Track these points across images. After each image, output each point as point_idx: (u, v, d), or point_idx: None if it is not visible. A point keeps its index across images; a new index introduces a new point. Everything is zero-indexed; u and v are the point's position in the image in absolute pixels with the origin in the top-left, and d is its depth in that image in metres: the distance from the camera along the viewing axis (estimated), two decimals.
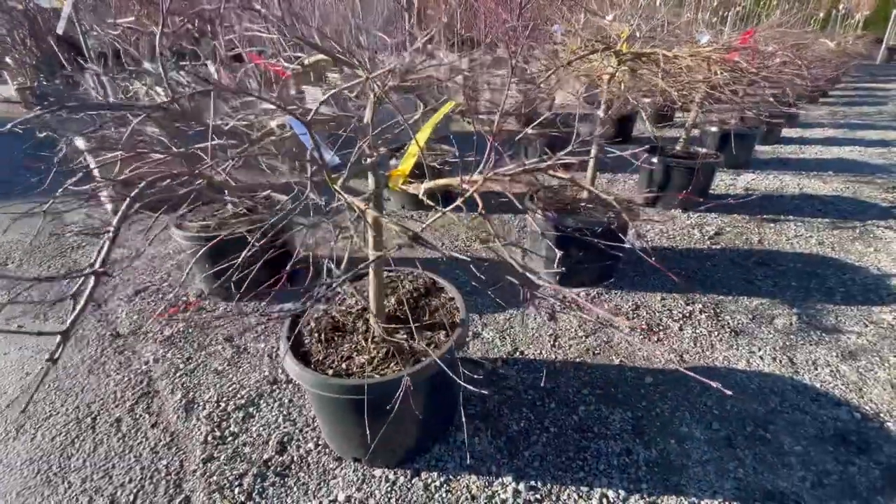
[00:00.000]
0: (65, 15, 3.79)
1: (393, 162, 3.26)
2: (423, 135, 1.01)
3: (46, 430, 1.85)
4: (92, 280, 0.75)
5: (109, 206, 3.92)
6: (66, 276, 0.76)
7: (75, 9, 3.70)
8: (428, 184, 1.00)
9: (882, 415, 1.80)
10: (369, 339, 1.47)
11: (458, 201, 0.99)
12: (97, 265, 0.75)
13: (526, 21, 7.37)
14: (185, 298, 2.66)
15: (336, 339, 1.51)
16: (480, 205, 1.02)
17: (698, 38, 3.09)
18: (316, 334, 1.53)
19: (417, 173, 1.13)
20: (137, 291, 2.78)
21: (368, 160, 1.04)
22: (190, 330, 2.37)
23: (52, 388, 2.05)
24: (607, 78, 2.28)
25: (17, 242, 3.50)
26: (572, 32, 3.34)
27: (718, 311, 2.44)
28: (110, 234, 0.76)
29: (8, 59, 9.17)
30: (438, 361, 1.26)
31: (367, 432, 1.33)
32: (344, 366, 1.38)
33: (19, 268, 3.17)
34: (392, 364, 1.39)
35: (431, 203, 1.04)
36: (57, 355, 0.73)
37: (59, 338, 0.72)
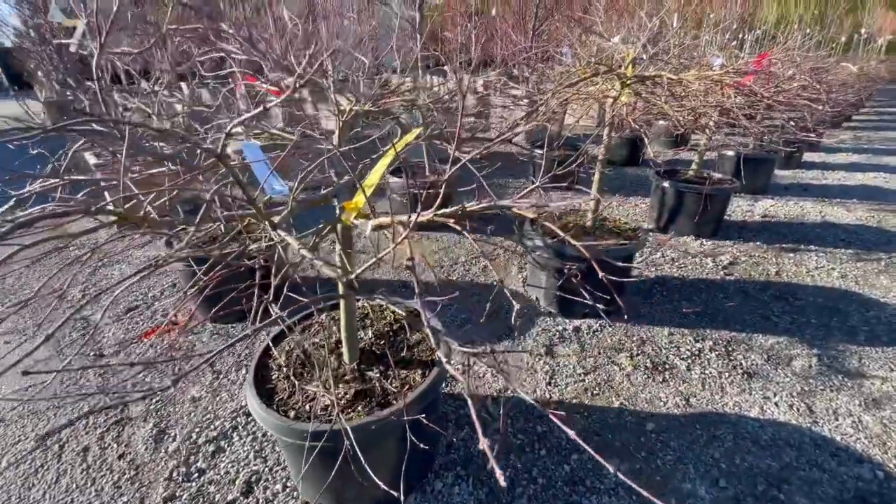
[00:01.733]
0: (78, 34, 3.87)
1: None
2: (381, 168, 0.92)
3: (12, 456, 1.77)
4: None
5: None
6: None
7: (88, 29, 3.78)
8: (375, 221, 0.91)
9: None
10: (339, 378, 1.36)
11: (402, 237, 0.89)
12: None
13: (539, 44, 7.36)
14: (172, 319, 2.60)
15: (305, 374, 1.41)
16: (469, 234, 0.92)
17: (711, 61, 2.98)
18: (285, 369, 1.43)
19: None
20: (129, 310, 2.73)
21: (324, 190, 0.96)
22: (173, 353, 2.30)
23: (25, 410, 1.99)
24: (611, 101, 2.18)
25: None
26: (580, 55, 3.27)
27: (731, 349, 2.27)
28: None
29: (39, 73, 9.50)
30: (402, 415, 1.14)
31: (333, 479, 1.21)
32: (308, 407, 1.27)
33: (18, 280, 3.16)
34: (360, 406, 1.28)
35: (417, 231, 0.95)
36: None
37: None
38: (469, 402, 0.66)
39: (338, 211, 1.03)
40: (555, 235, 2.50)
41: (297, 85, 0.83)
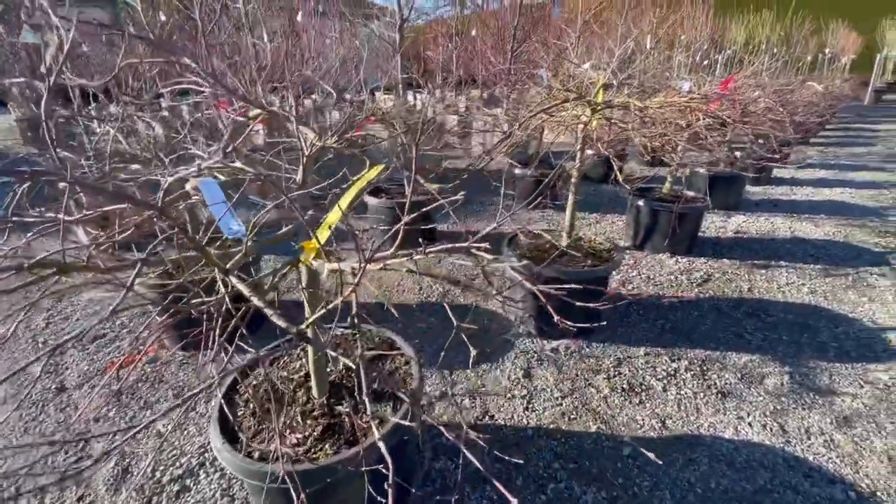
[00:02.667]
0: (48, 57, 3.81)
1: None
2: (344, 203, 0.91)
3: None
4: None
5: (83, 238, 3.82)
6: None
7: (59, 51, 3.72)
8: (331, 265, 0.90)
9: (879, 493, 1.63)
10: (307, 413, 1.32)
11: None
12: None
13: (517, 65, 7.51)
14: (140, 348, 2.51)
15: (272, 411, 1.36)
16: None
17: (680, 85, 3.07)
18: (252, 404, 1.38)
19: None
20: (94, 339, 2.64)
21: (285, 228, 0.94)
22: (139, 384, 2.22)
23: None
24: (582, 127, 2.22)
25: None
26: (554, 79, 3.34)
27: (705, 368, 2.29)
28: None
29: (14, 89, 9.26)
30: (370, 452, 1.11)
31: None
32: (272, 447, 1.23)
33: None
34: (328, 444, 1.24)
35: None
36: None
37: None
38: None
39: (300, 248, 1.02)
40: (530, 257, 2.51)
41: (261, 118, 0.82)
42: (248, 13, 5.48)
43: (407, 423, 1.18)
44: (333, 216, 0.90)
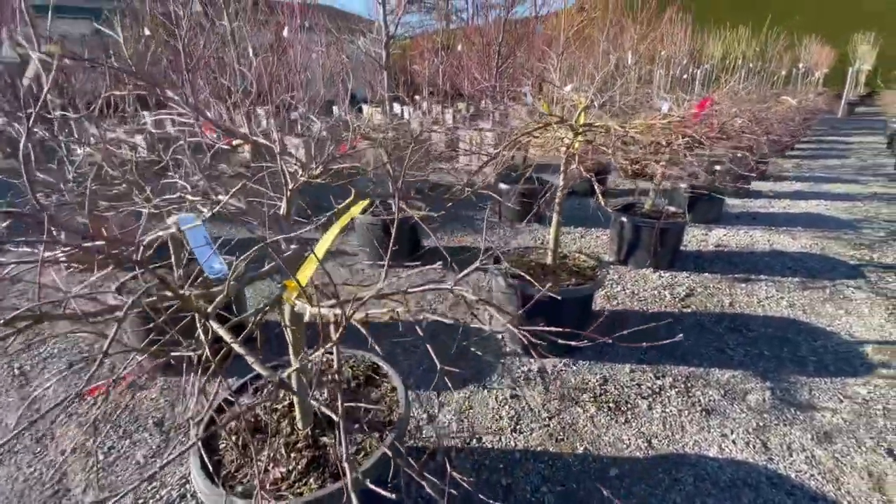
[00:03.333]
0: (30, 74, 3.78)
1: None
2: (325, 243, 0.92)
3: None
4: None
5: (59, 281, 3.74)
6: None
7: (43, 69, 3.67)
8: (312, 309, 0.90)
9: None
10: (291, 446, 1.31)
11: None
12: None
13: (502, 82, 7.62)
14: (119, 374, 2.45)
15: (256, 443, 1.34)
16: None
17: (659, 104, 3.15)
18: (234, 436, 1.36)
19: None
20: (71, 364, 2.57)
21: (268, 265, 0.94)
22: (118, 412, 2.16)
23: None
24: (565, 149, 2.26)
25: None
26: (538, 97, 3.40)
27: (689, 385, 2.32)
28: None
29: None
30: (356, 486, 1.10)
31: None
32: (256, 481, 1.21)
33: None
34: (313, 478, 1.22)
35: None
36: None
37: None
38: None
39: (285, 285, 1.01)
40: (517, 276, 2.53)
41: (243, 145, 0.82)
42: (234, 31, 5.48)
43: (391, 453, 1.17)
44: (311, 264, 0.90)
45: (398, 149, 3.79)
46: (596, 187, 2.09)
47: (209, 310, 0.79)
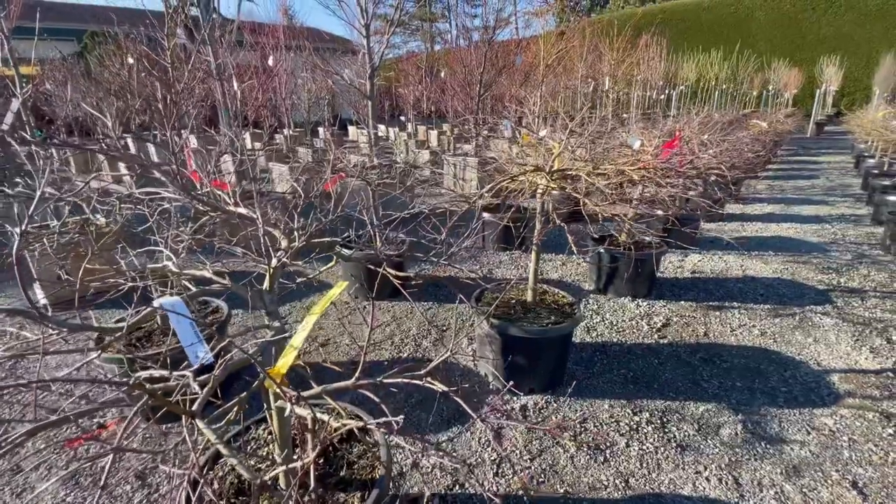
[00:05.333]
0: (13, 110, 3.78)
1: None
2: (303, 332, 0.97)
3: None
4: None
5: (41, 297, 3.70)
6: None
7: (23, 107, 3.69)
8: (300, 409, 0.94)
9: None
10: None
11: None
12: None
13: (483, 111, 7.83)
14: (100, 422, 2.44)
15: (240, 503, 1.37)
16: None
17: (631, 142, 3.29)
18: (216, 498, 1.38)
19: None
20: (53, 410, 2.54)
21: (251, 349, 0.99)
22: (98, 463, 2.15)
23: None
24: (540, 193, 2.36)
25: None
26: (519, 131, 3.52)
27: (665, 420, 2.39)
28: None
29: None
30: None
31: None
32: None
33: None
34: None
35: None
36: None
37: None
38: None
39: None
40: (498, 316, 2.60)
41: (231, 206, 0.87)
42: (220, 65, 5.56)
43: None
44: (290, 352, 0.95)
45: (383, 185, 3.86)
46: (569, 238, 2.18)
47: (194, 409, 0.83)
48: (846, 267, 4.53)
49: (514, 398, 2.55)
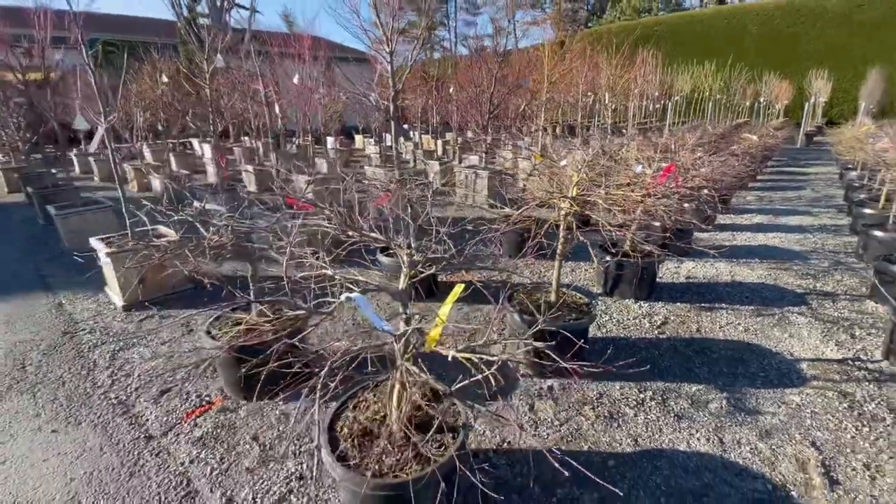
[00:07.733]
0: (100, 134, 4.34)
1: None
2: (444, 313, 1.53)
3: None
4: None
5: (119, 302, 4.24)
6: None
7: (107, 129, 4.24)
8: (451, 352, 1.51)
9: (787, 485, 2.31)
10: (393, 444, 1.90)
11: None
12: None
13: (494, 129, 8.44)
14: (208, 398, 2.99)
15: (366, 443, 1.93)
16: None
17: (634, 168, 3.89)
18: (350, 439, 1.94)
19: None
20: (162, 392, 3.09)
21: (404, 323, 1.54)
22: (218, 430, 2.70)
23: (99, 493, 2.32)
24: (564, 213, 2.94)
25: (30, 342, 3.75)
26: (533, 151, 4.10)
27: (665, 397, 2.97)
28: None
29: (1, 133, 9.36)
30: (447, 466, 1.69)
31: None
32: (377, 467, 1.80)
33: (39, 370, 3.40)
34: (412, 465, 1.82)
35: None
36: None
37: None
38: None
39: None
40: (527, 311, 3.17)
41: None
42: (267, 94, 6.12)
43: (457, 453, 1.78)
44: (440, 325, 1.50)
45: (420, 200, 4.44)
46: (591, 252, 2.76)
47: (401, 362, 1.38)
48: (822, 273, 5.13)
49: (542, 380, 3.11)
